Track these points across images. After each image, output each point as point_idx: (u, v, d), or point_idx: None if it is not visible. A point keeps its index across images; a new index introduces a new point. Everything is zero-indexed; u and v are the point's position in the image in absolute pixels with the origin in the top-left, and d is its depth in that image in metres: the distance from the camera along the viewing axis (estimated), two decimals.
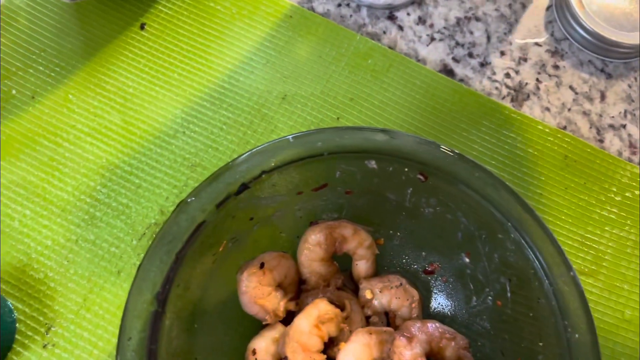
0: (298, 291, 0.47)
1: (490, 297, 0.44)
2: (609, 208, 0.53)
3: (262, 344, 0.42)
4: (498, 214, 0.40)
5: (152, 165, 0.52)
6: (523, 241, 0.39)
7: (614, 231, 0.52)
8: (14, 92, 0.54)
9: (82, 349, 0.46)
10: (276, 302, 0.43)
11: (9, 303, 0.47)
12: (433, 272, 0.47)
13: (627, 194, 0.53)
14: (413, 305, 0.45)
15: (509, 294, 0.42)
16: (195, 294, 0.41)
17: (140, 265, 0.37)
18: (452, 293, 0.46)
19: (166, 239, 0.37)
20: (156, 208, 0.50)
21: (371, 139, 0.41)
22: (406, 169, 0.41)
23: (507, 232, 0.40)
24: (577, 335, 0.37)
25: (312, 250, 0.45)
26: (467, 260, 0.44)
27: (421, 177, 0.41)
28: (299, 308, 0.45)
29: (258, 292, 0.42)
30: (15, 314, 0.47)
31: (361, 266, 0.46)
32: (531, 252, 0.39)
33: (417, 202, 0.44)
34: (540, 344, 0.39)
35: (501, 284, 0.42)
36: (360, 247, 0.46)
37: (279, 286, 0.44)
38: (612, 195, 0.53)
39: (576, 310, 0.37)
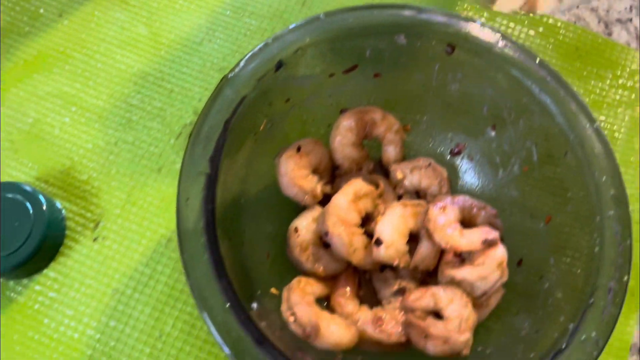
0: (332, 177, 0.49)
1: (517, 165, 0.46)
2: (621, 92, 0.55)
3: (304, 223, 0.45)
4: (523, 78, 0.42)
5: (182, 70, 0.53)
6: (548, 100, 0.42)
7: (627, 111, 0.54)
8: (41, 10, 0.55)
9: (131, 240, 0.48)
10: (313, 184, 0.45)
11: (57, 203, 0.49)
12: (459, 153, 0.49)
13: (636, 78, 0.56)
14: (442, 182, 0.47)
15: (535, 157, 0.44)
16: (240, 172, 0.43)
17: (191, 134, 0.39)
18: (479, 169, 0.49)
19: (215, 109, 0.39)
20: (190, 109, 0.52)
21: (400, 14, 0.43)
22: (433, 42, 0.43)
23: (533, 95, 0.42)
24: (604, 178, 0.39)
25: (344, 135, 0.47)
26: (492, 133, 0.47)
27: (448, 49, 0.43)
28: (334, 191, 0.47)
29: (296, 174, 0.45)
30: (64, 212, 0.49)
31: (390, 151, 0.48)
32: (556, 109, 0.41)
33: (443, 78, 0.46)
34: (569, 194, 0.42)
35: (527, 149, 0.45)
36: (389, 132, 0.48)
37: (315, 171, 0.46)
38: (624, 81, 0.56)
39: (601, 156, 0.40)
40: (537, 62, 0.42)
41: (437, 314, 0.42)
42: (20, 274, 0.47)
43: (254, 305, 0.38)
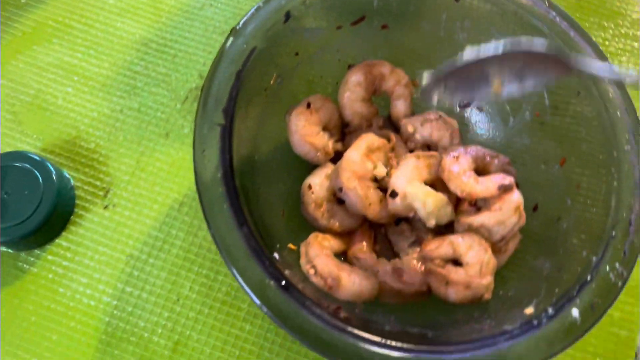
0: (342, 135, 0.49)
1: (527, 112, 0.46)
2: (624, 41, 0.55)
3: (317, 180, 0.44)
4: (533, 20, 0.42)
5: (185, 35, 0.53)
6: (559, 41, 0.42)
7: (630, 59, 0.54)
8: None
9: (142, 206, 0.48)
10: (325, 141, 0.45)
11: (64, 172, 0.48)
12: (468, 105, 0.49)
13: (637, 27, 0.56)
14: (453, 134, 0.47)
15: (547, 102, 0.44)
16: (252, 128, 0.42)
17: (204, 86, 0.38)
18: (489, 120, 0.49)
19: (225, 61, 0.39)
20: (195, 73, 0.51)
21: None
22: None
23: (543, 34, 0.42)
24: (618, 113, 0.39)
25: (352, 90, 0.47)
26: None
27: None
28: (345, 148, 0.46)
29: (307, 130, 0.44)
30: (72, 182, 0.48)
31: (400, 105, 0.48)
32: (567, 50, 0.41)
33: (451, 28, 0.46)
34: (583, 134, 0.42)
35: (538, 94, 0.45)
36: (398, 85, 0.47)
37: (325, 129, 0.46)
38: (626, 30, 0.56)
39: (614, 92, 0.40)
40: (546, 4, 0.42)
41: (456, 262, 0.42)
42: (31, 244, 0.46)
43: (275, 255, 0.37)
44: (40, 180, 0.45)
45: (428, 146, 0.48)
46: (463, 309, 0.40)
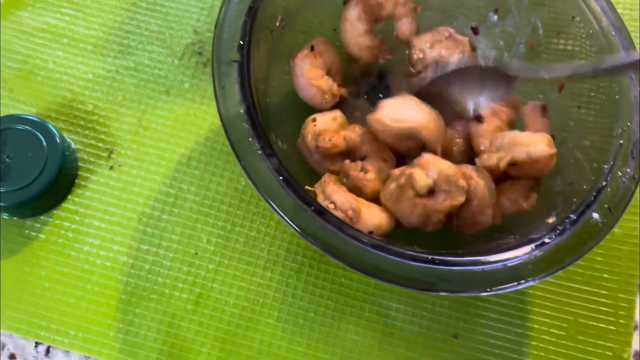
0: (343, 81, 0.49)
1: (522, 45, 0.48)
2: None
3: (322, 118, 0.44)
4: None
5: None
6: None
7: None
8: None
9: (149, 163, 0.47)
10: (329, 84, 0.45)
11: (65, 135, 0.46)
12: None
13: None
14: (464, 51, 0.46)
15: (541, 31, 0.46)
16: (263, 69, 0.42)
17: (216, 24, 0.38)
18: (482, 56, 0.50)
19: None
20: (189, 29, 0.51)
21: None
22: None
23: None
24: (613, 32, 0.41)
25: (354, 25, 0.46)
26: (495, 18, 0.48)
27: None
28: (349, 92, 0.47)
29: (312, 74, 0.44)
30: (74, 145, 0.47)
31: (404, 24, 0.47)
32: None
33: None
34: (580, 58, 0.44)
35: (532, 24, 0.46)
36: (397, 6, 0.46)
37: (328, 73, 0.46)
38: None
39: (607, 12, 0.42)
40: None
41: None
42: (36, 209, 0.44)
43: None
44: (44, 142, 0.43)
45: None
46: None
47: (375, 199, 0.42)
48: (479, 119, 0.45)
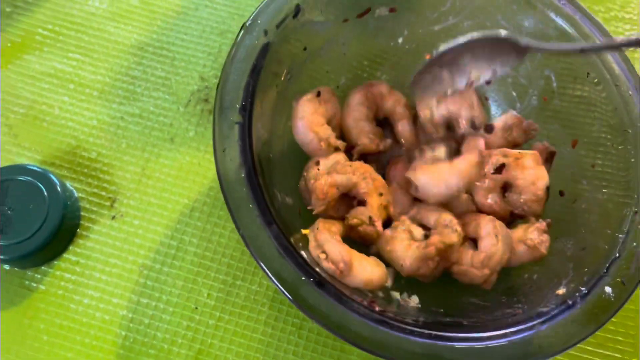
0: (341, 137, 0.47)
1: (534, 97, 0.46)
2: (615, 24, 0.56)
3: (326, 162, 0.43)
4: (537, 5, 0.43)
5: (182, 37, 0.52)
6: (565, 24, 0.42)
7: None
8: None
9: (152, 213, 0.46)
10: (329, 132, 0.43)
11: (67, 184, 0.46)
12: (471, 86, 0.49)
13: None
14: (473, 104, 0.45)
15: (554, 84, 0.45)
16: (267, 125, 0.41)
17: (218, 85, 0.37)
18: (496, 107, 0.49)
19: (238, 57, 0.38)
20: (196, 75, 0.50)
21: None
22: None
23: (548, 20, 0.43)
24: (630, 92, 0.40)
25: (356, 109, 0.45)
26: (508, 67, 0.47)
27: None
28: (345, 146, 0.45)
29: (314, 119, 0.43)
30: (76, 193, 0.46)
31: (403, 126, 0.46)
32: (573, 31, 0.42)
33: (456, 15, 0.46)
34: (595, 114, 0.42)
35: (545, 77, 0.45)
36: (398, 105, 0.46)
37: (328, 123, 0.45)
38: (616, 13, 0.57)
39: (624, 71, 0.41)
40: None
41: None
42: (37, 261, 0.44)
43: (303, 254, 0.37)
44: (45, 193, 0.43)
45: (449, 127, 0.46)
46: (489, 294, 0.40)
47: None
48: (489, 129, 0.44)
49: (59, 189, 0.43)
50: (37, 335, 0.43)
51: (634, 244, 0.36)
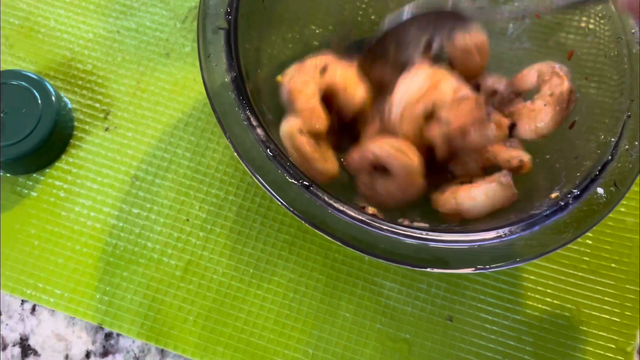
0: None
1: (527, 18, 0.45)
2: None
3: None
4: None
5: None
6: None
7: None
8: None
9: (145, 126, 0.46)
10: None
11: (62, 94, 0.46)
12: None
13: None
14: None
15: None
16: (254, 41, 0.40)
17: None
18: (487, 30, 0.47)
19: None
20: None
21: None
22: None
23: None
24: None
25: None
26: None
27: None
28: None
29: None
30: (70, 104, 0.46)
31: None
32: None
33: None
34: (590, 26, 0.41)
35: None
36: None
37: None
38: None
39: None
40: None
41: None
42: (30, 166, 0.44)
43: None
44: (39, 100, 0.43)
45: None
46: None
47: None
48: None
49: (53, 97, 0.43)
50: (28, 239, 0.43)
51: (627, 147, 0.36)
